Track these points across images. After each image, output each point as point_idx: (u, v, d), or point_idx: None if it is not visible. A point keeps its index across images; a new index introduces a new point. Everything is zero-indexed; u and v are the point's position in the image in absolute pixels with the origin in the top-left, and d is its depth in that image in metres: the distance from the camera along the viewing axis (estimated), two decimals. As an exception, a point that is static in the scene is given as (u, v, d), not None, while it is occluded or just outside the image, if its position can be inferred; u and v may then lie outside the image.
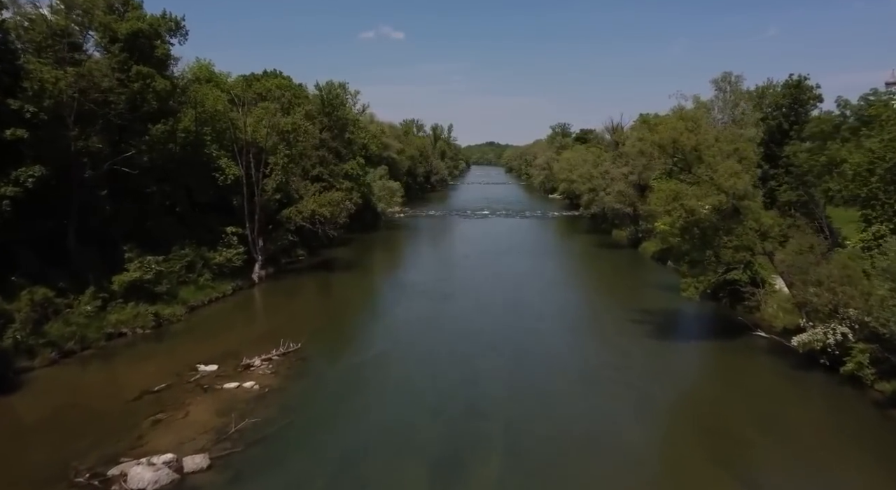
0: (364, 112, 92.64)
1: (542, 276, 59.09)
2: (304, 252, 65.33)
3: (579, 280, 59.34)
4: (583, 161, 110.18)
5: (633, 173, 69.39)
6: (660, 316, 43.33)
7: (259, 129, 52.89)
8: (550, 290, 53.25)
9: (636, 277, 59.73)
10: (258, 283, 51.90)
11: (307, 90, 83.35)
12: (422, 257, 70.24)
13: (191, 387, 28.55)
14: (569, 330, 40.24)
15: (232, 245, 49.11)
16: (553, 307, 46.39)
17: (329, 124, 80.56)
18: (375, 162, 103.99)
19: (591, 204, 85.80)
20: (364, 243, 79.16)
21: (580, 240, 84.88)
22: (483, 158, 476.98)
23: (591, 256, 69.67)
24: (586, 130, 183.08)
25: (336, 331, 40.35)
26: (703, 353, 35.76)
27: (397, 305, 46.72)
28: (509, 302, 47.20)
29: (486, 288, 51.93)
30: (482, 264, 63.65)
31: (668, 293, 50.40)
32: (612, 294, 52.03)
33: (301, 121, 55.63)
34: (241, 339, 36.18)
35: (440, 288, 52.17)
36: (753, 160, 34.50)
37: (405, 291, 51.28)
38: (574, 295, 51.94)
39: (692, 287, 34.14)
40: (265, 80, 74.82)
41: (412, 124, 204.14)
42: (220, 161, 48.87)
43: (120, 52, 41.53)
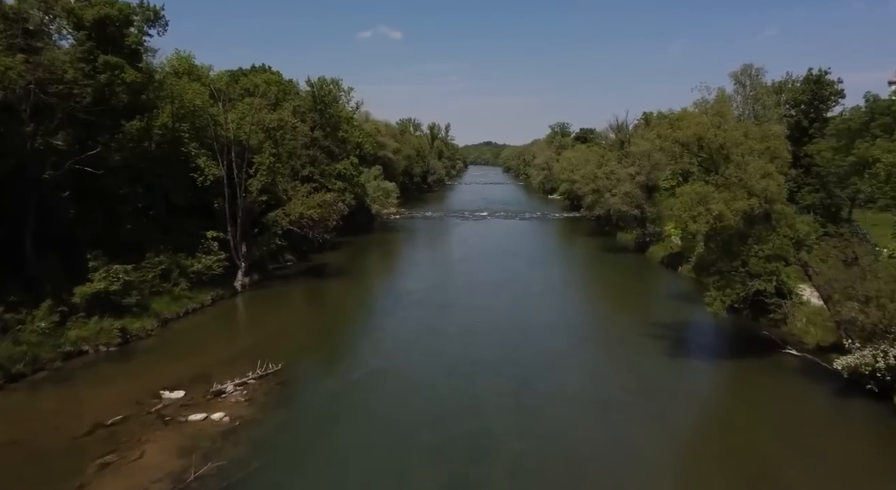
0: (358, 109, 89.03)
1: (546, 283, 55.51)
2: (293, 257, 61.63)
3: (585, 288, 55.75)
4: (585, 161, 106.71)
5: (641, 174, 65.85)
6: (675, 330, 39.78)
7: (243, 126, 49.19)
8: (555, 299, 49.68)
9: (646, 285, 56.22)
10: (241, 292, 48.20)
11: (298, 86, 79.90)
12: (418, 262, 66.60)
13: (151, 419, 24.88)
14: (578, 347, 36.64)
15: (212, 251, 45.41)
16: (560, 319, 42.80)
17: (321, 122, 77.01)
18: (370, 162, 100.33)
19: (595, 206, 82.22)
20: (357, 247, 75.47)
21: (583, 243, 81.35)
22: (480, 158, 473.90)
23: (596, 261, 66.12)
24: (586, 130, 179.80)
25: (323, 347, 36.70)
26: (729, 374, 32.17)
27: (391, 316, 43.08)
28: (512, 313, 43.63)
29: (486, 296, 48.33)
30: (482, 270, 60.04)
31: (682, 303, 46.99)
32: (622, 304, 48.43)
33: (288, 117, 51.89)
34: (216, 358, 32.53)
35: (437, 296, 48.56)
36: (788, 159, 30.91)
37: (400, 300, 47.65)
38: (581, 305, 48.35)
39: (718, 301, 30.50)
40: (253, 75, 71.21)
41: (409, 123, 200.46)
42: (199, 160, 45.12)
43: (86, 40, 37.87)
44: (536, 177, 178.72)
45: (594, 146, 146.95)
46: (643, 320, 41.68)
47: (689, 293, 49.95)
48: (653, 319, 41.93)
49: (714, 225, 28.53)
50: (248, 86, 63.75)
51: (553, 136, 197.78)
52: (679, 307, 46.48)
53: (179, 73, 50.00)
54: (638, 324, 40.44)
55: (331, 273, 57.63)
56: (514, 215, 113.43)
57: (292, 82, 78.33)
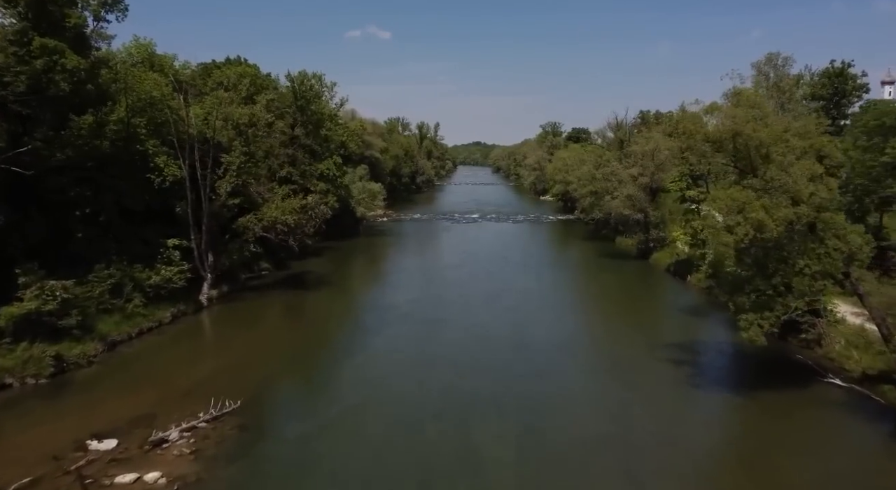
0: (342, 106, 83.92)
1: (544, 294, 50.95)
2: (270, 265, 56.68)
3: (588, 300, 51.17)
4: (580, 161, 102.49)
5: (644, 175, 61.45)
6: (694, 351, 35.35)
7: (210, 121, 44.20)
8: (556, 313, 45.11)
9: (653, 297, 51.78)
10: (207, 307, 43.19)
11: (278, 82, 74.84)
12: (406, 270, 61.79)
13: (66, 482, 19.93)
14: (588, 375, 31.98)
15: (173, 261, 40.39)
16: (563, 339, 38.21)
17: (302, 119, 71.98)
18: (356, 162, 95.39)
19: (593, 209, 77.82)
20: (341, 253, 70.54)
21: (581, 248, 76.85)
22: (470, 158, 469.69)
23: (596, 269, 61.62)
24: (579, 129, 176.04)
25: (294, 376, 31.82)
26: (765, 411, 27.58)
27: (375, 336, 38.24)
28: (509, 331, 38.97)
29: (480, 311, 43.65)
30: (475, 279, 55.35)
31: (696, 318, 42.60)
32: (630, 320, 43.89)
33: (261, 112, 46.89)
34: (166, 392, 27.61)
35: (427, 311, 43.79)
36: (839, 159, 26.45)
37: (386, 316, 42.85)
38: (585, 320, 43.75)
39: (755, 326, 25.94)
40: (226, 67, 66.10)
41: (397, 123, 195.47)
42: (158, 159, 40.05)
43: (19, 21, 32.82)
44: (528, 177, 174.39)
45: (589, 146, 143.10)
46: (656, 339, 37.24)
47: (702, 307, 45.65)
48: (666, 338, 37.50)
49: (754, 236, 23.96)
50: (221, 79, 58.84)
51: (544, 135, 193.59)
52: (693, 323, 42.09)
53: (140, 63, 44.90)
54: (650, 344, 35.98)
55: (311, 283, 52.69)
56: (506, 217, 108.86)
57: (270, 77, 73.35)
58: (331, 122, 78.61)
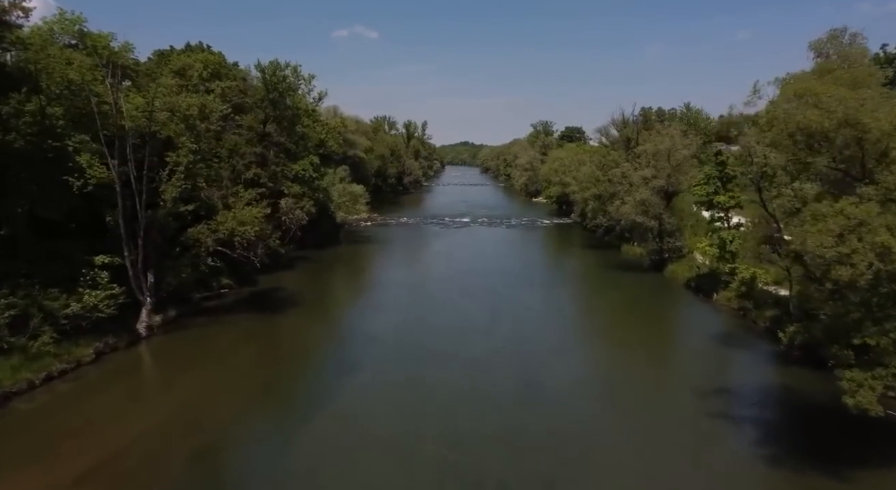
0: (321, 101, 76.02)
1: (550, 318, 43.73)
2: (232, 281, 48.97)
3: (602, 326, 43.73)
4: (578, 162, 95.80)
5: (659, 177, 54.44)
6: (745, 399, 28.28)
7: (153, 112, 36.56)
8: (567, 344, 37.92)
9: (677, 321, 44.70)
10: (146, 338, 35.52)
11: (249, 73, 67.06)
12: (391, 286, 54.21)
13: None
14: (618, 437, 24.68)
15: (100, 284, 32.71)
16: (580, 379, 31.03)
17: (275, 115, 64.20)
18: (338, 162, 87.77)
19: (597, 214, 70.88)
20: (318, 263, 62.97)
21: (584, 258, 69.72)
22: (458, 158, 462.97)
23: (606, 284, 54.40)
24: (572, 128, 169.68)
25: (241, 441, 24.28)
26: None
27: (349, 378, 30.73)
28: (515, 369, 31.71)
29: (477, 343, 36.29)
30: (469, 297, 48.01)
31: (735, 350, 35.54)
32: (657, 354, 36.71)
33: (214, 103, 39.11)
34: (48, 482, 20.01)
35: (415, 343, 36.39)
36: None
37: (365, 350, 35.44)
38: (604, 357, 36.30)
39: (867, 389, 18.80)
40: (187, 54, 58.31)
41: (383, 121, 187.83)
42: (81, 158, 32.28)
43: None
44: (519, 178, 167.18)
45: (586, 146, 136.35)
46: (694, 380, 30.23)
47: (738, 334, 38.66)
48: (704, 380, 30.50)
49: (879, 266, 16.82)
50: (179, 67, 51.02)
51: (536, 135, 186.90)
52: (733, 357, 35.01)
53: (70, 45, 36.99)
54: (689, 387, 28.97)
55: (279, 303, 45.05)
56: (499, 221, 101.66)
57: (238, 67, 65.64)
58: (308, 118, 70.97)
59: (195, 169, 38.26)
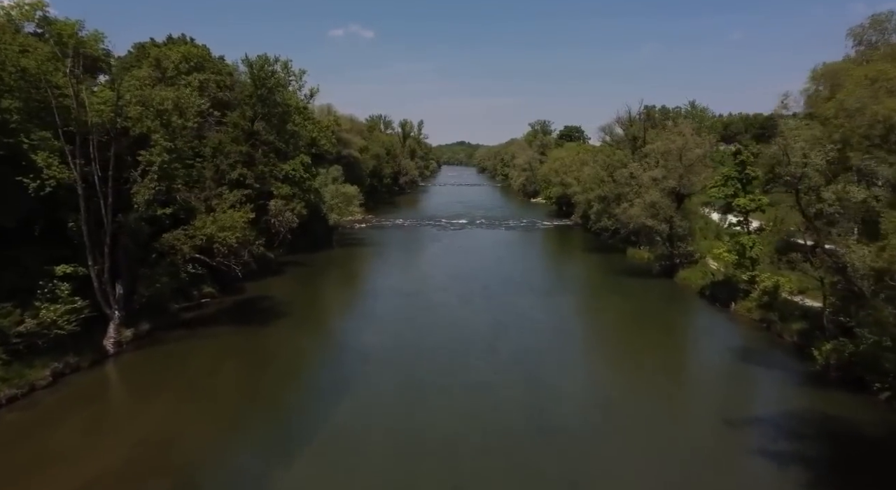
0: (313, 97, 72.58)
1: (558, 332, 40.52)
2: (214, 290, 45.66)
3: (615, 342, 39.97)
4: (580, 162, 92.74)
5: (671, 178, 51.26)
6: (786, 432, 25.01)
7: (125, 107, 33.27)
8: (579, 362, 34.74)
9: (696, 334, 41.44)
10: (115, 355, 32.17)
11: (236, 68, 63.64)
12: (386, 294, 50.71)
13: None
14: (646, 484, 21.41)
15: (60, 297, 29.36)
16: (595, 405, 27.80)
17: (263, 112, 60.84)
18: (331, 161, 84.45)
19: (602, 216, 67.71)
20: (309, 269, 59.69)
21: (589, 262, 66.48)
22: (454, 158, 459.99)
23: (615, 292, 51.02)
24: (571, 127, 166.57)
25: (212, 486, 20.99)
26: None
27: (341, 404, 27.42)
28: (521, 394, 28.47)
29: (480, 362, 33.03)
30: (469, 307, 44.81)
31: (765, 370, 32.33)
32: (680, 374, 33.52)
33: (190, 97, 35.70)
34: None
35: (412, 362, 33.11)
36: None
37: (357, 369, 32.18)
38: (620, 377, 32.63)
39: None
40: (168, 47, 54.89)
41: (379, 121, 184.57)
42: (38, 156, 28.88)
43: None
44: (517, 178, 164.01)
45: (586, 145, 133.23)
46: (721, 407, 27.28)
47: (764, 349, 35.55)
48: (736, 405, 27.62)
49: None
50: (154, 58, 47.58)
51: (534, 134, 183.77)
52: (761, 377, 31.82)
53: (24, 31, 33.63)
54: (717, 415, 26.01)
55: (264, 314, 41.71)
56: (497, 223, 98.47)
57: (224, 61, 62.24)
58: (299, 115, 67.68)
59: (170, 169, 34.91)
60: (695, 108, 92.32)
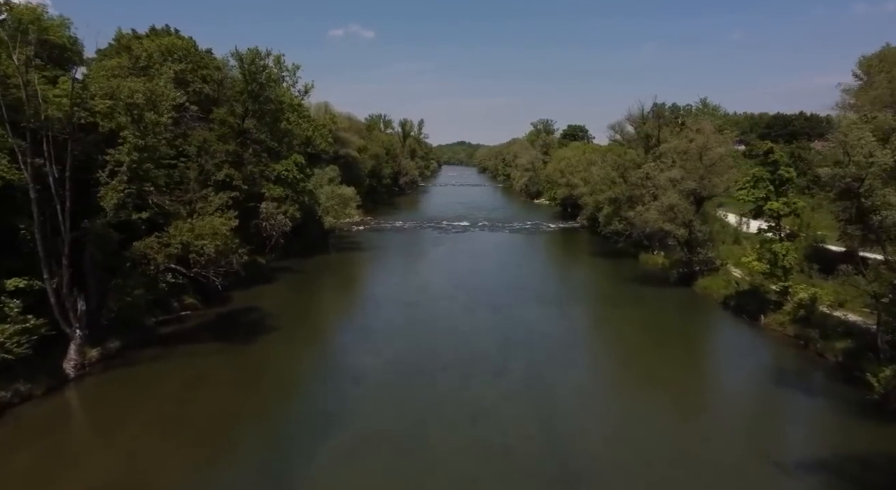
0: (308, 94, 68.86)
1: (573, 348, 36.93)
2: (197, 300, 42.05)
3: (637, 360, 35.57)
4: (588, 162, 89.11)
5: (691, 179, 47.59)
6: (854, 481, 21.32)
7: (91, 101, 29.70)
8: (598, 385, 31.10)
9: (727, 351, 37.58)
10: (76, 379, 28.54)
11: (227, 63, 59.87)
12: (385, 305, 46.87)
13: None
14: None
15: (9, 315, 25.73)
16: (620, 440, 24.11)
17: (254, 109, 57.19)
18: (328, 161, 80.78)
19: (612, 219, 64.02)
20: (302, 275, 56.06)
21: (600, 268, 62.77)
22: (454, 158, 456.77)
23: (630, 302, 47.03)
24: (575, 126, 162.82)
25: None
26: None
27: (332, 436, 23.81)
28: (534, 426, 24.88)
29: (489, 384, 29.44)
30: (475, 321, 41.17)
31: (809, 396, 28.72)
32: (713, 400, 29.85)
33: (165, 89, 31.97)
34: None
35: (413, 382, 29.51)
36: None
37: (351, 393, 28.56)
38: (646, 405, 29.04)
39: None
40: (150, 39, 51.23)
41: (378, 120, 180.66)
42: (-16, 155, 25.30)
43: None
44: (520, 179, 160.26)
45: (589, 144, 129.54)
46: (770, 445, 23.58)
47: (804, 370, 31.98)
48: (786, 443, 23.90)
49: None
50: (140, 54, 43.97)
51: (536, 134, 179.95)
52: (807, 406, 28.17)
53: None
54: (766, 456, 22.33)
55: (250, 328, 38.05)
56: (500, 226, 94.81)
57: (212, 55, 58.52)
58: (293, 113, 64.06)
59: (142, 169, 31.26)
60: (706, 106, 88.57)
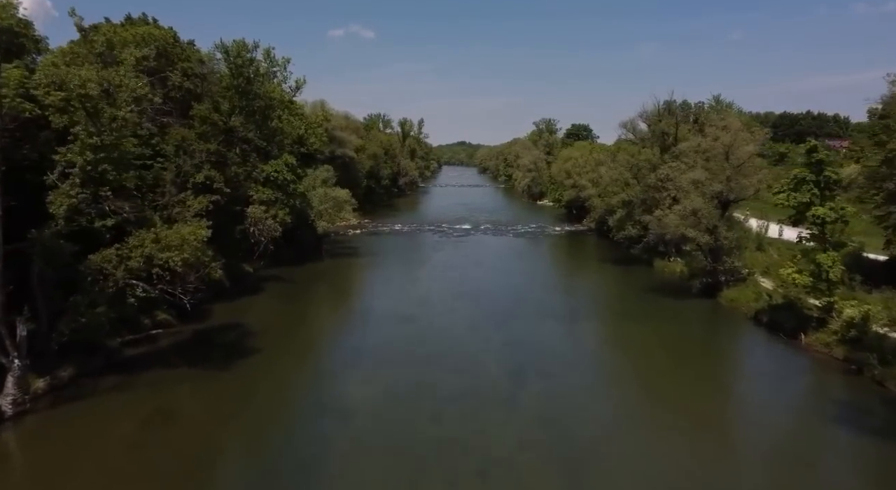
0: (299, 90, 64.57)
1: (592, 374, 32.75)
2: (172, 315, 37.76)
3: (667, 388, 31.40)
4: (595, 162, 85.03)
5: (717, 180, 43.35)
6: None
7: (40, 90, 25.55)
8: (625, 421, 26.71)
9: (769, 378, 32.72)
10: (13, 418, 24.26)
11: (213, 56, 55.57)
12: (381, 320, 42.43)
13: None
14: None
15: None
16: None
17: (241, 105, 52.95)
18: (322, 161, 76.52)
19: (625, 224, 59.84)
20: (292, 286, 51.83)
21: (613, 277, 58.49)
22: (455, 158, 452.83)
23: (651, 316, 42.44)
24: (579, 126, 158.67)
25: None
26: None
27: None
28: (553, 477, 20.61)
29: (500, 422, 25.17)
30: (482, 341, 36.93)
31: (881, 438, 24.33)
32: (765, 443, 25.54)
33: (125, 78, 27.62)
34: None
35: (412, 420, 25.23)
36: None
37: (339, 434, 24.35)
38: (681, 446, 25.06)
39: None
40: (124, 29, 46.93)
41: (378, 119, 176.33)
42: None
43: None
44: (522, 180, 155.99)
45: (595, 143, 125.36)
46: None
47: (865, 403, 27.70)
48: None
49: None
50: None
51: (538, 133, 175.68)
52: (881, 451, 23.86)
53: None
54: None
55: (228, 350, 33.77)
56: (504, 228, 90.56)
57: (195, 47, 54.28)
58: (284, 110, 59.83)
59: (98, 172, 27.02)
60: (719, 103, 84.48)
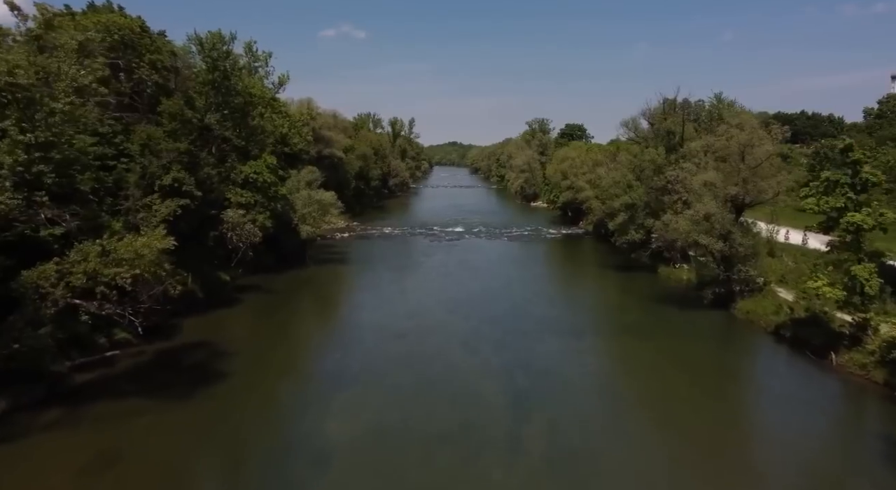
0: (283, 87, 60.89)
1: (602, 402, 29.14)
2: (133, 334, 33.78)
3: (686, 420, 28.34)
4: (593, 163, 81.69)
5: (734, 183, 39.93)
6: None
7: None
8: (644, 462, 23.14)
9: (809, 408, 29.19)
10: (-76, 469, 20.42)
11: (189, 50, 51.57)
12: (366, 336, 38.70)
13: None
14: None
15: None
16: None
17: (217, 102, 49.03)
18: (307, 162, 72.68)
19: (628, 228, 56.39)
20: (272, 296, 47.95)
21: (616, 285, 54.94)
22: (446, 159, 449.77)
23: (662, 331, 38.88)
24: (573, 126, 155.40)
25: None
26: None
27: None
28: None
29: (501, 465, 21.56)
30: (478, 363, 33.30)
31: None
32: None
33: (61, 66, 23.69)
34: None
35: (399, 465, 21.55)
36: None
37: (314, 483, 20.60)
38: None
39: None
40: (85, 17, 42.96)
41: (367, 119, 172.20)
42: None
43: None
44: (515, 180, 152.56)
45: (591, 143, 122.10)
46: None
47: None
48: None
49: None
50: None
51: (532, 133, 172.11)
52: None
53: None
54: None
55: (192, 376, 29.92)
56: (498, 232, 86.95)
57: (165, 39, 50.34)
58: (266, 107, 56.05)
59: (31, 174, 23.16)
60: (720, 102, 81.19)
